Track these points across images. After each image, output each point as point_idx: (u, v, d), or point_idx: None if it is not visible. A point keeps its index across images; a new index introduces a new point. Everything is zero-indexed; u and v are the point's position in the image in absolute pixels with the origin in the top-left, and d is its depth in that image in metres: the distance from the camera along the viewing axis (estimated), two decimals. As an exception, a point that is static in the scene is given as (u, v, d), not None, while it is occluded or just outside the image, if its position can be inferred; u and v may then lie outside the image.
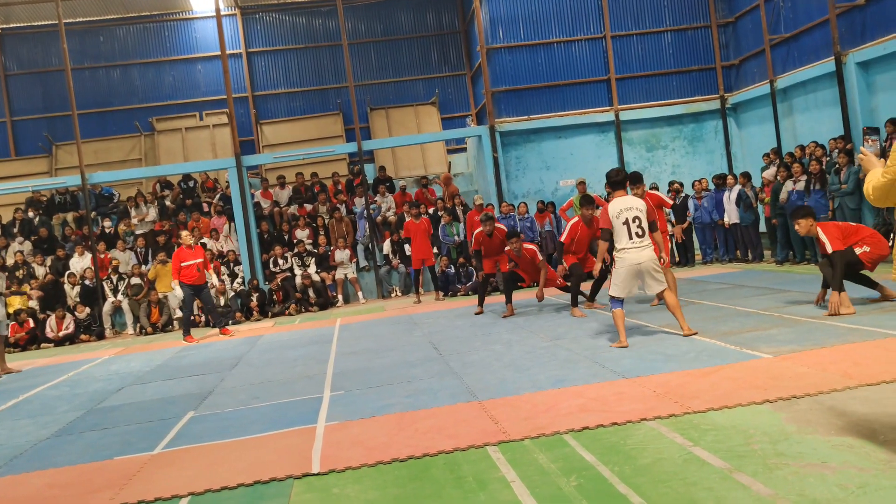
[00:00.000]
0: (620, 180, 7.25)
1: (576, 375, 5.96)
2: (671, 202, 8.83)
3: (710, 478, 3.52)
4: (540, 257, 10.20)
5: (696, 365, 5.81)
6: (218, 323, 12.49)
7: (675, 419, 4.48)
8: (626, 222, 6.86)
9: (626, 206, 6.93)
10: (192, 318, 14.37)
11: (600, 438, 4.30)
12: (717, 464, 3.68)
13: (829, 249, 7.54)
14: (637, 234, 6.84)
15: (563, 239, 9.84)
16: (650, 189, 11.42)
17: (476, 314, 10.72)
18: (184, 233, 12.46)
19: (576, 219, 9.88)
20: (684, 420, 4.45)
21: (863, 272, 7.72)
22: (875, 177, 3.48)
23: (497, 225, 10.58)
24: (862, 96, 13.55)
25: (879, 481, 3.24)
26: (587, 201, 9.80)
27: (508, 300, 10.31)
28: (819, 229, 7.76)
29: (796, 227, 8.06)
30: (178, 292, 11.97)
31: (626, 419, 4.56)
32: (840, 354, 5.56)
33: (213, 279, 12.72)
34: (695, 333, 7.02)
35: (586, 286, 10.34)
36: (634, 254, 6.86)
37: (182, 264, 11.83)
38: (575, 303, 9.57)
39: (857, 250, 7.53)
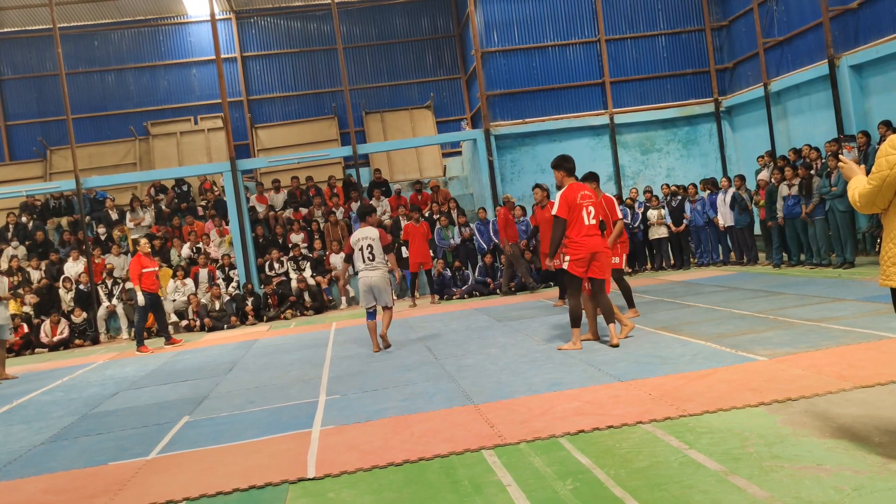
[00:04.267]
0: (365, 212, 8.66)
1: (571, 378, 5.96)
2: (619, 216, 8.49)
3: (706, 481, 3.52)
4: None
5: (691, 368, 5.82)
6: (165, 334, 12.43)
7: (671, 422, 4.49)
8: (361, 248, 8.43)
9: (362, 236, 8.48)
10: (188, 322, 14.39)
11: (596, 442, 4.30)
12: (712, 466, 3.68)
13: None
14: (369, 258, 8.43)
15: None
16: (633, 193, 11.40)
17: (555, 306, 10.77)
18: (142, 240, 12.44)
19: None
20: (680, 423, 4.45)
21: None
22: (860, 183, 3.51)
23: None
24: (855, 99, 13.60)
25: (875, 483, 3.25)
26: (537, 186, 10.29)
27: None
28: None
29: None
30: (141, 299, 11.71)
31: (622, 422, 4.56)
32: (835, 357, 5.58)
33: (167, 289, 12.74)
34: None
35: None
36: (367, 273, 8.44)
37: (143, 271, 11.70)
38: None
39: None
